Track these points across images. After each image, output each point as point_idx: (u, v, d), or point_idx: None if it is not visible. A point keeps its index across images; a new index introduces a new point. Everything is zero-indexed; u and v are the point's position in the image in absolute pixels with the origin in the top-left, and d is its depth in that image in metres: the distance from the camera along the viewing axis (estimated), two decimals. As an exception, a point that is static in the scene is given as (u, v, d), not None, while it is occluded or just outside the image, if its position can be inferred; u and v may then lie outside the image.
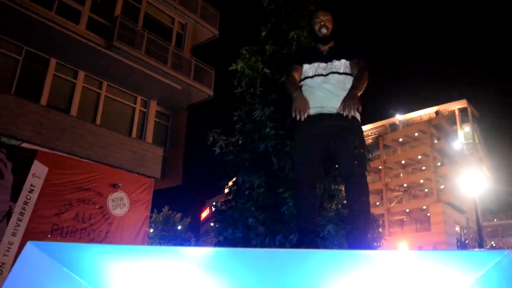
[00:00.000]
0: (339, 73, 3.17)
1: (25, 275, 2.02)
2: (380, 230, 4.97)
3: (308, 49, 3.28)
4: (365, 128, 57.98)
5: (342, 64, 3.19)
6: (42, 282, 2.10)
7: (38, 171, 7.11)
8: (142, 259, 2.13)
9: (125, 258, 2.15)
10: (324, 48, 3.32)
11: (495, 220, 58.98)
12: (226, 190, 5.71)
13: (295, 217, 4.16)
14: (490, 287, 1.79)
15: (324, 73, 3.18)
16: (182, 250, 2.08)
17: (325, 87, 3.13)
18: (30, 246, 2.03)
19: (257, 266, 2.07)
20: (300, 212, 3.15)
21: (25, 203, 6.81)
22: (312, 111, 3.08)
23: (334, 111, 3.02)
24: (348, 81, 3.13)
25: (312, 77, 3.22)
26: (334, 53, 3.25)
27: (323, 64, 3.22)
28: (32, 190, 6.96)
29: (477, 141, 58.54)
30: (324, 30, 3.28)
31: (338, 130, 2.99)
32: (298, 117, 2.97)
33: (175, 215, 43.06)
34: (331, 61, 3.21)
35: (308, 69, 3.27)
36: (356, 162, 2.95)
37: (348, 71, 3.19)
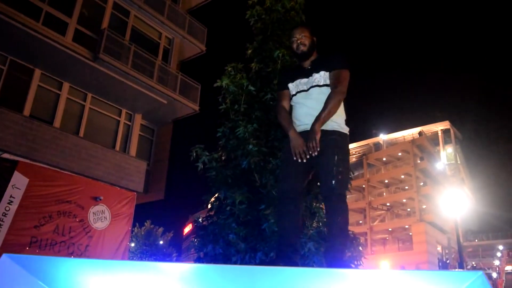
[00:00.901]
0: (319, 86, 3.16)
1: (0, 288, 2.00)
2: (361, 248, 4.98)
3: (293, 67, 3.28)
4: (349, 146, 58.47)
5: (321, 76, 3.17)
6: (17, 295, 2.07)
7: (18, 182, 7.04)
8: (120, 274, 2.11)
9: (103, 273, 2.13)
10: (307, 63, 3.31)
11: (476, 240, 59.54)
12: (209, 206, 5.70)
13: (276, 235, 4.16)
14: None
15: (306, 88, 3.18)
16: (161, 266, 2.08)
17: (307, 104, 3.14)
18: (5, 258, 2.00)
19: (236, 283, 2.07)
20: (280, 227, 3.11)
21: (3, 214, 6.72)
22: (298, 129, 3.10)
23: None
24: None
25: (295, 94, 3.24)
26: (315, 66, 3.24)
27: (304, 80, 3.22)
28: (12, 201, 6.88)
29: (459, 162, 59.37)
30: (302, 47, 3.27)
31: (320, 147, 2.94)
32: (299, 160, 2.94)
33: (157, 230, 42.68)
34: (312, 75, 3.20)
35: (292, 87, 3.27)
36: (333, 181, 2.90)
37: (328, 82, 3.17)
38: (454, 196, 16.16)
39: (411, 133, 57.58)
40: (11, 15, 11.46)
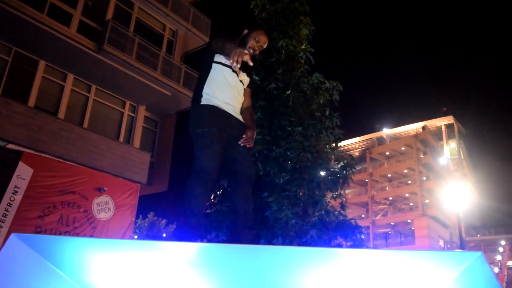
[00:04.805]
0: (243, 84, 3.35)
1: (7, 266, 2.03)
2: (363, 237, 5.01)
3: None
4: (352, 141, 58.46)
5: (245, 81, 3.38)
6: (24, 273, 2.11)
7: (23, 173, 7.06)
8: (125, 253, 2.13)
9: (109, 251, 2.15)
10: None
11: (478, 235, 59.41)
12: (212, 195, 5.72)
13: (279, 222, 4.20)
14: (466, 287, 1.83)
15: (237, 76, 3.27)
16: (166, 245, 2.10)
17: (238, 89, 3.28)
18: (13, 237, 2.03)
19: (239, 261, 2.09)
20: (195, 200, 3.07)
21: (8, 204, 6.75)
22: (224, 106, 3.15)
23: (238, 115, 3.25)
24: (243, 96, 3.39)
25: (229, 66, 3.14)
26: (244, 70, 3.34)
27: (230, 70, 3.20)
28: (16, 191, 6.90)
29: (462, 157, 59.16)
30: (257, 53, 3.45)
31: (239, 134, 3.17)
32: (235, 63, 2.75)
33: (161, 222, 42.73)
34: (241, 72, 3.31)
35: (224, 58, 3.19)
36: (251, 167, 3.27)
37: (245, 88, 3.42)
38: (456, 191, 16.09)
39: (414, 127, 57.27)
40: (15, 6, 11.48)
